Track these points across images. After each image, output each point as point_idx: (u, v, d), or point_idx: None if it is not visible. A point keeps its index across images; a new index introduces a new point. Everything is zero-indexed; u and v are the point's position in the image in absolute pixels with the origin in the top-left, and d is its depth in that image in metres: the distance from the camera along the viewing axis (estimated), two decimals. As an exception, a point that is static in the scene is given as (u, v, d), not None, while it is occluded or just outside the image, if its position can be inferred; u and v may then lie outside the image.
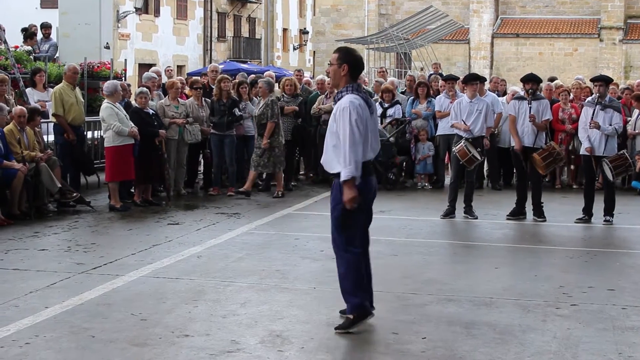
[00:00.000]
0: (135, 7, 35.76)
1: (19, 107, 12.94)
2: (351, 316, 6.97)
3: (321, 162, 7.12)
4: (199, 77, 16.43)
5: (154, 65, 33.43)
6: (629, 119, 15.55)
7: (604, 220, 12.41)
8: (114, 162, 13.12)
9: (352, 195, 6.71)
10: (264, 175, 15.82)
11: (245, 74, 18.64)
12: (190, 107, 14.77)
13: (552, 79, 19.18)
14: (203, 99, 15.11)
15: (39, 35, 19.89)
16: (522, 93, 13.46)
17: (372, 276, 7.24)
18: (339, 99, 6.92)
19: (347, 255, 6.97)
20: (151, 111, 13.79)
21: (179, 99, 14.82)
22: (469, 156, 12.44)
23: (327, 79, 16.83)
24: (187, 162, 15.03)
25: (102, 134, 13.83)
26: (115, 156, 13.11)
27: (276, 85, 17.48)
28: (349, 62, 6.95)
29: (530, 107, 12.56)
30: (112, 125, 12.97)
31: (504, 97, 16.51)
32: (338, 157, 6.82)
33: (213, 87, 15.90)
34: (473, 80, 13.20)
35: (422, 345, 6.57)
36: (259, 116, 14.39)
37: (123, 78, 18.56)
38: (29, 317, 7.16)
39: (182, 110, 14.60)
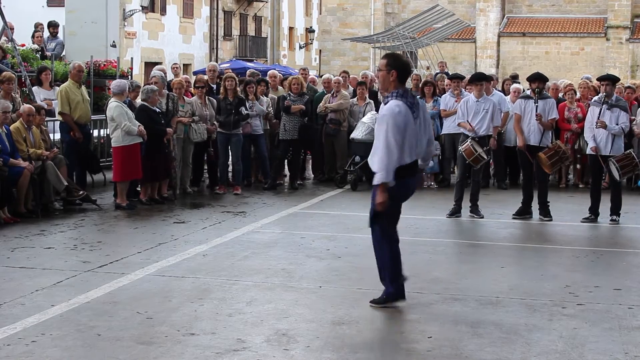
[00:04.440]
0: (141, 6, 35.79)
1: (28, 105, 12.95)
2: (384, 296, 7.54)
3: (368, 160, 7.49)
4: (203, 76, 16.44)
5: (160, 63, 33.51)
6: (632, 117, 15.51)
7: (610, 220, 12.39)
8: (123, 162, 13.10)
9: (383, 200, 7.16)
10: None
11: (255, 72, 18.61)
12: (194, 105, 14.77)
13: (514, 76, 18.97)
14: (207, 97, 15.10)
15: (46, 34, 19.92)
16: (528, 92, 13.44)
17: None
18: (385, 104, 7.27)
19: (385, 247, 7.51)
20: (157, 109, 13.80)
21: (185, 98, 14.82)
22: (475, 155, 12.43)
23: (333, 78, 16.87)
24: (192, 160, 15.05)
25: (108, 133, 13.81)
26: (123, 156, 13.10)
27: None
28: (397, 67, 7.28)
29: (536, 106, 12.54)
30: (122, 125, 12.97)
31: (508, 96, 16.49)
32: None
33: (212, 86, 15.93)
34: (478, 80, 13.18)
35: (428, 345, 6.57)
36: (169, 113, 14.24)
37: (129, 76, 18.57)
38: (35, 315, 7.17)
39: (188, 109, 14.61)
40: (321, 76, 19.39)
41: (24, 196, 12.16)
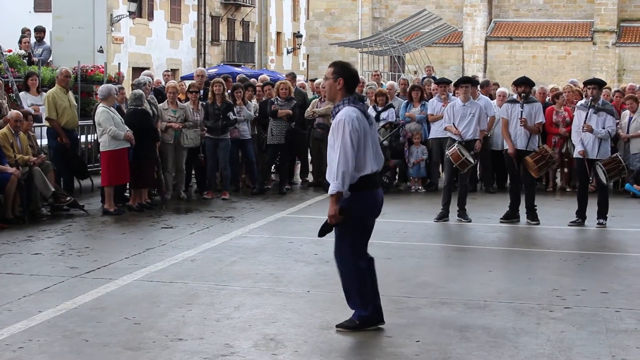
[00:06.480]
0: (128, 11, 35.78)
1: (15, 111, 12.91)
2: (357, 322, 7.03)
3: (326, 177, 7.00)
4: (194, 81, 16.44)
5: (148, 68, 33.48)
6: (618, 121, 15.56)
7: (598, 223, 12.43)
8: (110, 166, 13.10)
9: (335, 212, 6.69)
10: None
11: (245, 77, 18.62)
12: (187, 111, 14.73)
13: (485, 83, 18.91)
14: (199, 102, 15.09)
15: (32, 39, 19.85)
16: (514, 96, 13.48)
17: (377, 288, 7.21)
18: (336, 113, 6.85)
19: (353, 268, 6.97)
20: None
21: (178, 103, 14.79)
22: (462, 159, 12.45)
23: (323, 82, 16.89)
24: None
25: (97, 138, 13.80)
26: (111, 160, 13.09)
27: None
28: (344, 76, 6.89)
29: (522, 111, 12.58)
30: (108, 130, 12.96)
31: (494, 101, 16.53)
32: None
33: (201, 91, 15.92)
34: (463, 82, 13.22)
35: (416, 349, 6.57)
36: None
37: (117, 82, 18.50)
38: (22, 321, 7.15)
39: (180, 114, 14.59)
40: (312, 80, 19.39)
41: (11, 202, 12.12)
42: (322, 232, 6.94)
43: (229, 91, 15.66)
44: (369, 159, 6.80)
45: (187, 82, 17.58)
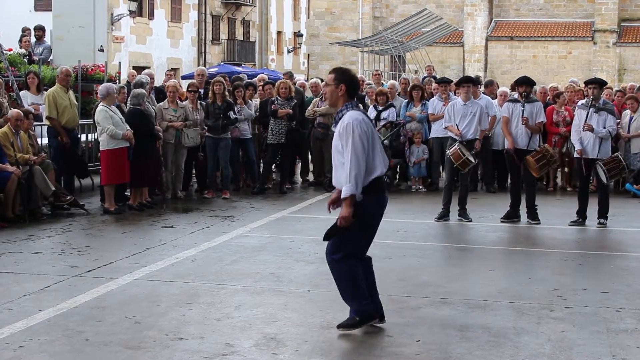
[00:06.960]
0: (129, 10, 35.78)
1: (16, 110, 12.91)
2: (357, 318, 7.00)
3: (333, 183, 7.02)
4: (194, 81, 16.43)
5: (148, 67, 33.49)
6: (618, 121, 15.56)
7: (598, 223, 12.42)
8: (110, 165, 13.11)
9: (348, 214, 6.70)
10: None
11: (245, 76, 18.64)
12: (187, 110, 14.73)
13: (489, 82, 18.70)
14: (198, 102, 15.09)
15: (33, 38, 19.85)
16: (515, 95, 13.47)
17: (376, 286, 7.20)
18: (340, 118, 6.86)
19: (340, 265, 6.95)
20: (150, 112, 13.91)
21: (178, 102, 14.79)
22: (462, 159, 12.45)
23: (321, 82, 16.87)
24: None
25: (97, 137, 13.81)
26: (110, 159, 13.10)
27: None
28: (345, 81, 6.91)
29: (523, 110, 12.57)
30: (106, 129, 12.96)
31: (495, 100, 16.52)
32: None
33: (200, 90, 15.93)
34: (464, 82, 13.22)
35: (417, 348, 6.57)
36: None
37: (117, 81, 18.50)
38: (22, 320, 7.15)
39: (181, 113, 14.58)
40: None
41: (11, 201, 12.12)
42: (328, 236, 6.95)
43: (230, 89, 15.67)
44: (377, 160, 6.82)
45: (185, 83, 17.59)
